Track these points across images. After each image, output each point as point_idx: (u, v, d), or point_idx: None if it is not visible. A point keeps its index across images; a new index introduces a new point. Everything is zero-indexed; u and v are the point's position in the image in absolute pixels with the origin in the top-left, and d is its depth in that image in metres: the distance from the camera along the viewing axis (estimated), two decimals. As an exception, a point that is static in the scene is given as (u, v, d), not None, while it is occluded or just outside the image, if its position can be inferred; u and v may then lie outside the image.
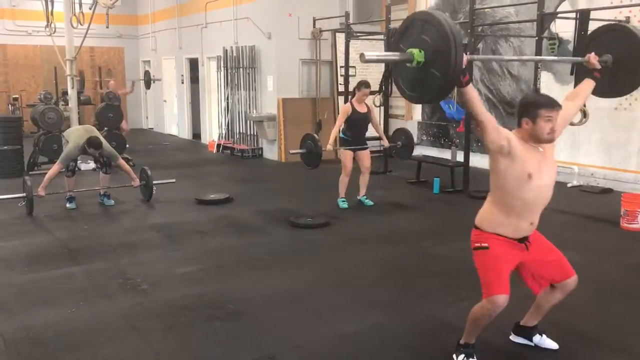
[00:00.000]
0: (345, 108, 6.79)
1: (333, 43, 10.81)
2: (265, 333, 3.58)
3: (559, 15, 7.43)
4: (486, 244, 2.94)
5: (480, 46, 8.88)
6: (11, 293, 4.27)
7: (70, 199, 6.93)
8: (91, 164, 8.25)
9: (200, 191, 7.60)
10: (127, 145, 10.53)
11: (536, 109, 2.84)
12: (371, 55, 2.66)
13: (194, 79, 13.80)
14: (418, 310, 3.94)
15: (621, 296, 4.22)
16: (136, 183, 7.08)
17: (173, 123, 15.16)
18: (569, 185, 7.95)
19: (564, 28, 7.84)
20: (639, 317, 3.86)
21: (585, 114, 6.67)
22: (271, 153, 10.92)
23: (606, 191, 7.62)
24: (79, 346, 3.41)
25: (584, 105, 6.76)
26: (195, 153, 12.25)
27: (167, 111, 15.41)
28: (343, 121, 6.70)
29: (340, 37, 10.43)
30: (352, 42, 10.07)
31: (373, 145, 7.36)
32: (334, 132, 6.74)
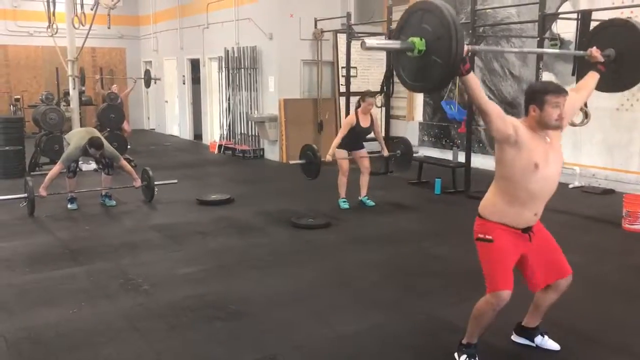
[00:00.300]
0: (349, 120, 6.73)
1: (334, 44, 10.81)
2: (266, 333, 3.58)
3: (561, 16, 7.44)
4: (490, 237, 2.91)
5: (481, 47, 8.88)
6: (12, 293, 4.27)
7: (71, 200, 6.93)
8: (92, 165, 8.25)
9: (201, 192, 7.60)
10: (129, 146, 10.55)
11: (543, 95, 2.80)
12: (372, 43, 2.64)
13: (196, 80, 13.81)
14: (419, 310, 3.94)
15: (622, 297, 4.22)
16: (138, 184, 7.09)
17: (174, 124, 15.17)
18: (571, 186, 7.94)
19: (566, 29, 7.83)
20: (641, 318, 3.86)
21: (586, 115, 6.69)
22: (272, 154, 10.93)
23: (608, 192, 7.62)
24: (81, 346, 3.42)
25: (586, 106, 6.80)
26: (196, 154, 12.26)
27: (169, 112, 15.42)
28: (346, 132, 6.66)
29: (341, 38, 10.43)
30: (354, 43, 10.05)
31: (372, 145, 7.34)
32: (335, 143, 6.67)
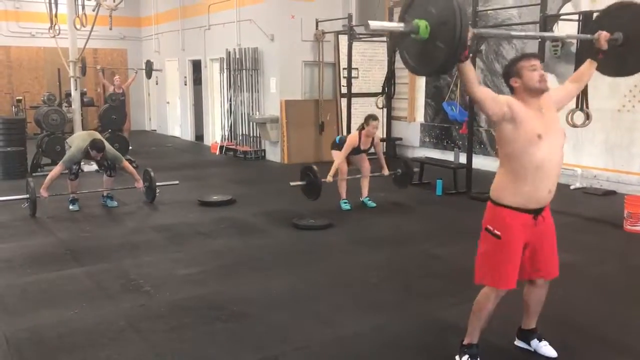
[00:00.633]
0: (352, 141, 6.67)
1: (336, 45, 10.82)
2: (267, 334, 3.58)
3: (562, 17, 7.43)
4: (498, 233, 2.89)
5: (483, 48, 8.89)
6: (14, 294, 4.28)
7: (73, 201, 6.94)
8: (94, 166, 8.26)
9: (203, 193, 7.61)
10: (130, 147, 10.56)
11: (516, 65, 2.93)
12: (375, 24, 2.62)
13: (197, 81, 13.83)
14: (420, 311, 3.94)
15: (623, 298, 4.21)
16: (140, 185, 7.09)
17: (176, 125, 15.18)
18: (572, 187, 7.94)
19: (567, 30, 7.82)
20: (642, 320, 3.85)
21: (588, 116, 6.69)
22: (274, 155, 10.93)
23: (609, 193, 7.61)
24: (81, 347, 3.42)
25: (587, 107, 6.80)
26: (198, 155, 12.27)
27: (170, 113, 15.43)
28: (347, 153, 6.65)
29: (343, 39, 10.44)
30: (355, 44, 10.08)
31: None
32: (336, 165, 6.64)
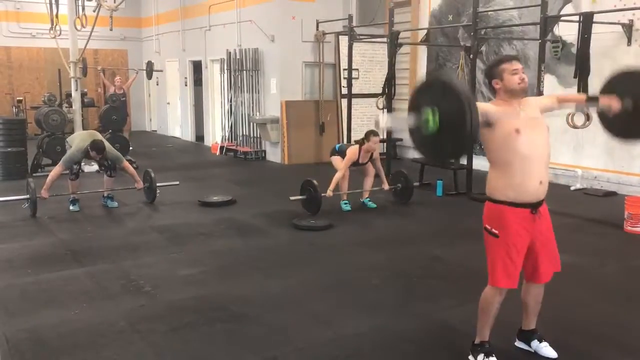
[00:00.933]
0: (352, 154, 6.67)
1: (336, 46, 10.82)
2: (267, 335, 3.59)
3: (563, 18, 7.43)
4: (496, 231, 2.93)
5: (483, 49, 8.89)
6: (14, 294, 4.28)
7: (73, 201, 6.94)
8: (94, 166, 8.26)
9: (203, 193, 7.60)
10: (131, 147, 10.57)
11: (498, 67, 2.99)
12: (387, 120, 2.69)
13: (198, 82, 13.84)
14: (420, 312, 3.93)
15: (623, 299, 4.20)
16: (140, 185, 7.10)
17: (176, 125, 15.18)
18: (572, 188, 7.94)
19: (568, 31, 7.84)
20: (642, 321, 3.85)
21: (588, 117, 6.69)
22: (274, 155, 10.93)
23: (610, 194, 7.61)
24: (82, 347, 3.42)
25: (587, 108, 6.78)
26: (198, 155, 12.28)
27: (171, 113, 15.43)
28: (348, 166, 6.67)
29: (343, 40, 10.43)
30: (356, 45, 10.08)
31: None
32: (336, 179, 6.63)
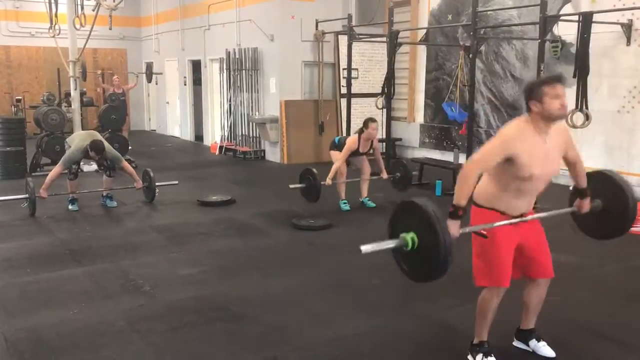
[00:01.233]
0: (351, 145, 6.65)
1: (336, 45, 10.82)
2: (266, 335, 3.58)
3: (562, 18, 7.44)
4: (484, 232, 2.95)
5: (482, 48, 8.89)
6: (13, 294, 4.27)
7: (72, 201, 6.94)
8: (93, 166, 8.26)
9: (202, 193, 7.60)
10: (130, 146, 10.56)
11: (540, 88, 2.81)
12: (367, 248, 2.81)
13: (197, 81, 13.83)
14: (420, 312, 3.93)
15: (623, 298, 4.20)
16: (139, 185, 7.09)
17: (175, 125, 15.18)
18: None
19: (567, 31, 7.84)
20: (642, 321, 3.85)
21: (587, 117, 6.70)
22: (273, 155, 10.93)
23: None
24: (81, 347, 3.42)
25: (587, 108, 6.81)
26: (197, 155, 12.27)
27: (170, 113, 15.43)
28: (347, 156, 6.64)
29: (342, 39, 10.44)
30: (355, 44, 10.08)
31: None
32: (335, 167, 6.63)
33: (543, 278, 3.12)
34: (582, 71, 6.62)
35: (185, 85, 14.17)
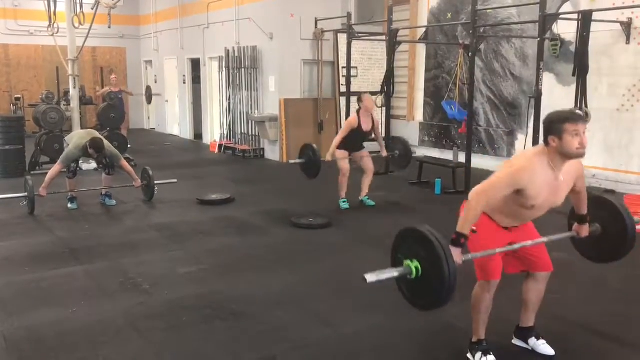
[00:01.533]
0: (351, 121, 6.66)
1: (335, 44, 10.81)
2: (266, 333, 3.58)
3: (561, 16, 7.43)
4: (474, 228, 2.94)
5: (482, 47, 8.88)
6: (12, 292, 4.27)
7: (71, 199, 6.93)
8: (92, 164, 8.25)
9: (201, 191, 7.60)
10: (129, 145, 10.55)
11: (560, 125, 2.74)
12: (372, 277, 2.77)
13: (196, 80, 13.81)
14: (419, 311, 3.92)
15: (622, 297, 4.21)
16: (137, 184, 7.09)
17: (175, 123, 15.17)
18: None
19: (566, 29, 7.83)
20: (641, 319, 3.85)
21: (587, 115, 6.69)
22: (273, 154, 10.93)
23: (608, 192, 7.60)
24: (80, 346, 3.41)
25: (586, 106, 6.81)
26: (197, 153, 12.26)
27: (169, 111, 15.41)
28: (347, 133, 6.62)
29: (342, 38, 10.44)
30: (354, 43, 10.07)
31: (372, 145, 7.33)
32: (335, 143, 6.64)
33: (542, 272, 3.13)
34: (582, 70, 6.62)
35: (184, 83, 14.15)
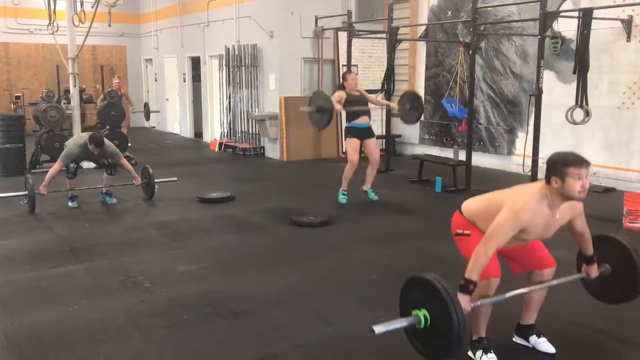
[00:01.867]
0: (338, 93, 6.74)
1: (335, 42, 10.80)
2: (266, 331, 3.58)
3: (562, 14, 7.42)
4: (468, 231, 3.02)
5: (482, 45, 8.88)
6: (13, 291, 4.27)
7: (72, 198, 6.93)
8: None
9: (202, 189, 7.60)
10: (129, 143, 10.55)
11: (564, 167, 2.76)
12: (380, 328, 2.74)
13: (196, 78, 13.81)
14: None
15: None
16: (138, 182, 7.09)
17: (175, 121, 15.17)
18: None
19: (567, 27, 7.82)
20: (642, 317, 3.85)
21: (587, 113, 6.69)
22: (273, 152, 10.92)
23: (609, 190, 7.61)
24: (81, 344, 3.42)
25: (587, 104, 6.80)
26: (197, 151, 12.26)
27: (169, 110, 15.41)
28: (338, 100, 6.63)
29: (342, 36, 10.42)
30: (355, 41, 10.07)
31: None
32: (336, 96, 6.67)
33: (547, 268, 3.15)
34: (582, 67, 6.61)
35: (184, 82, 14.15)
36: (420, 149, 10.50)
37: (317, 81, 10.75)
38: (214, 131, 13.00)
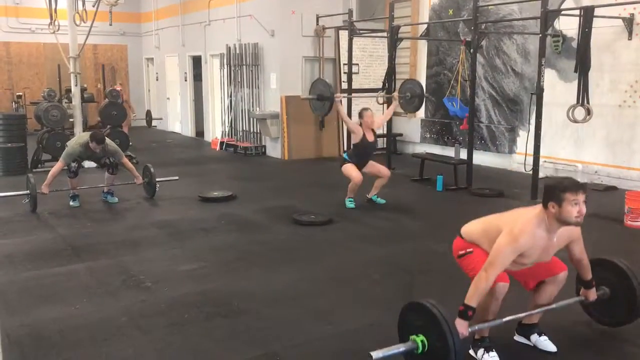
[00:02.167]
0: (357, 128, 6.58)
1: (336, 40, 10.80)
2: (267, 330, 3.59)
3: (563, 12, 7.41)
4: (470, 249, 3.10)
5: (483, 43, 8.87)
6: (14, 290, 4.28)
7: (73, 197, 6.94)
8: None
9: (203, 189, 7.61)
10: (131, 142, 10.56)
11: (561, 193, 2.80)
12: (378, 354, 2.77)
13: (197, 77, 13.81)
14: None
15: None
16: (139, 181, 7.10)
17: (176, 121, 15.17)
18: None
19: (568, 25, 7.81)
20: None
21: (589, 112, 6.68)
22: (274, 151, 10.92)
23: (610, 189, 7.60)
24: (82, 343, 3.42)
25: (588, 102, 6.79)
26: (198, 150, 12.27)
27: (171, 109, 15.41)
28: (352, 130, 6.63)
29: (343, 35, 10.42)
30: (356, 40, 10.06)
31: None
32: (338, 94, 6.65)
33: (560, 272, 3.19)
34: (583, 66, 6.60)
35: (185, 81, 14.15)
36: (421, 148, 10.49)
37: (318, 80, 10.75)
38: (215, 130, 13.00)
